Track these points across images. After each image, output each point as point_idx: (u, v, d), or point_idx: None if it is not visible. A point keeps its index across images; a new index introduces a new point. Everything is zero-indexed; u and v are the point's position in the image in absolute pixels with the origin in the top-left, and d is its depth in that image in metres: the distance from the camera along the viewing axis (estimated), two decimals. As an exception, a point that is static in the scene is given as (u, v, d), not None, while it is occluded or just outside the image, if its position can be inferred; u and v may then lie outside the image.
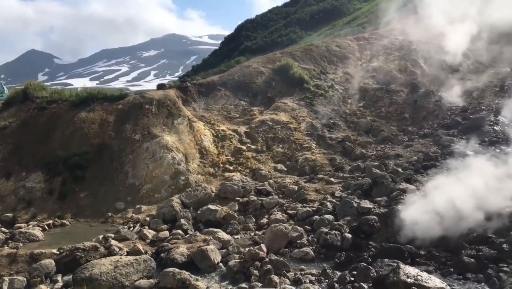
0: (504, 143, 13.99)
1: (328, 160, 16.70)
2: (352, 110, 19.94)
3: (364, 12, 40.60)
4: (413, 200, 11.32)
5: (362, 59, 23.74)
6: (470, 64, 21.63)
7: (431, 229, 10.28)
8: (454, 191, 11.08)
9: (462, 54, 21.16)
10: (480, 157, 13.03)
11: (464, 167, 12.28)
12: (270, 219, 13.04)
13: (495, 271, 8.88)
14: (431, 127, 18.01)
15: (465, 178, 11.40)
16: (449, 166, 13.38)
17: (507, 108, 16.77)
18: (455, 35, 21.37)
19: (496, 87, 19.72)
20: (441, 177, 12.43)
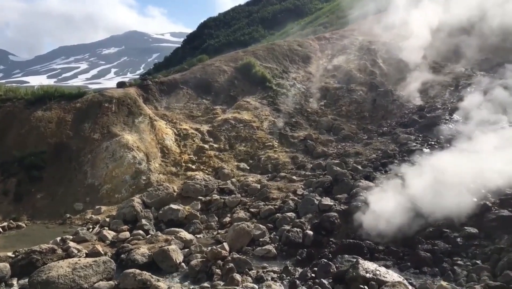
0: (458, 140, 14.50)
1: (290, 158, 16.86)
2: (313, 109, 20.20)
3: (325, 12, 41.17)
4: (372, 197, 11.59)
5: (323, 59, 24.07)
6: (427, 64, 22.26)
7: (389, 224, 10.58)
8: (411, 188, 11.45)
9: (419, 54, 21.76)
10: (436, 154, 13.49)
11: (420, 164, 12.68)
12: (233, 218, 13.05)
13: (449, 264, 9.24)
14: (390, 125, 18.48)
15: (421, 174, 11.78)
16: (406, 163, 13.77)
17: (461, 107, 17.40)
18: (413, 36, 22.02)
19: (451, 86, 20.42)
20: (399, 174, 12.79)
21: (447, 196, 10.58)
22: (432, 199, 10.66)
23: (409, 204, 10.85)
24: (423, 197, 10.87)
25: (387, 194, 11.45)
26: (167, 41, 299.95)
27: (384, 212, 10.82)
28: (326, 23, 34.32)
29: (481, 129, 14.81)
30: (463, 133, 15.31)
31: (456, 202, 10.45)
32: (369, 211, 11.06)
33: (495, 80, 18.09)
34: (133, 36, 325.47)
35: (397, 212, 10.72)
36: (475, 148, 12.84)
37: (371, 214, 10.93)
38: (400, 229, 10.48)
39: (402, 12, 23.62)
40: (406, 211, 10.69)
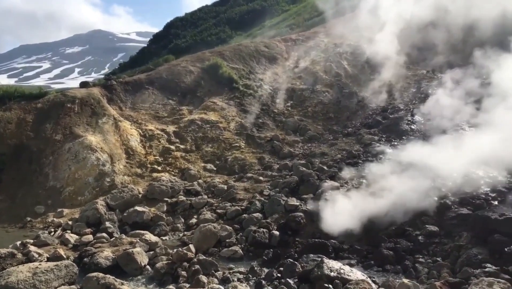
0: (420, 140, 14.89)
1: (257, 159, 16.90)
2: (280, 110, 20.31)
3: (292, 13, 41.49)
4: (337, 197, 11.75)
5: (290, 60, 24.24)
6: (391, 66, 22.70)
7: (353, 224, 10.75)
8: (375, 187, 11.68)
9: (383, 56, 22.19)
10: (399, 154, 13.80)
11: (383, 164, 12.95)
12: (199, 219, 12.98)
13: (411, 262, 9.47)
14: (354, 126, 18.78)
15: (385, 174, 12.04)
16: (370, 163, 14.03)
17: (423, 108, 17.87)
18: (378, 38, 22.45)
19: (413, 88, 20.92)
20: (363, 174, 13.02)
21: (409, 196, 10.84)
22: (395, 198, 10.90)
23: (372, 204, 11.06)
24: (386, 197, 11.10)
25: (351, 194, 11.64)
26: (133, 40, 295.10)
27: (349, 212, 11.00)
28: (293, 25, 34.56)
29: (442, 129, 15.25)
30: (425, 134, 15.73)
31: (417, 201, 10.72)
32: (334, 211, 11.20)
33: (455, 81, 18.65)
34: (98, 35, 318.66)
35: (361, 212, 10.91)
36: (436, 148, 13.21)
37: (336, 214, 11.07)
38: (364, 228, 10.68)
39: (367, 15, 24.07)
40: (370, 211, 10.89)
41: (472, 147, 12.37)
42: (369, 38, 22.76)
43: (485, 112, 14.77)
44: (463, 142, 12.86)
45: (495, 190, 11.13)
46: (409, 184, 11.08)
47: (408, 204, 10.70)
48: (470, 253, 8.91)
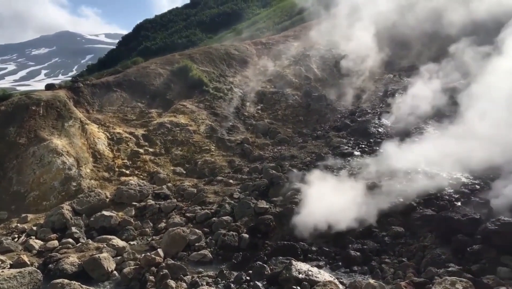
0: (386, 143, 15.17)
1: (227, 162, 16.87)
2: (250, 113, 20.35)
3: (263, 17, 41.66)
4: (306, 199, 11.85)
5: (260, 63, 24.32)
6: (359, 70, 23.07)
7: (322, 226, 10.87)
8: (343, 189, 11.83)
9: (351, 61, 22.55)
10: (366, 157, 14.05)
11: (352, 166, 13.14)
12: (168, 223, 12.87)
13: (378, 262, 9.65)
14: (323, 129, 19.00)
15: (353, 176, 12.22)
16: (339, 166, 14.22)
17: (389, 111, 18.24)
18: (346, 43, 22.82)
19: (380, 92, 21.34)
20: (332, 176, 13.17)
21: (376, 197, 11.04)
22: (362, 200, 11.07)
23: (341, 205, 11.19)
24: (354, 199, 11.26)
25: (320, 196, 11.75)
26: (101, 42, 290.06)
27: (317, 214, 11.09)
28: (263, 28, 34.69)
29: (407, 132, 15.60)
30: (391, 136, 16.06)
31: (384, 202, 10.92)
32: (303, 213, 11.29)
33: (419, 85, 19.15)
34: (65, 36, 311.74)
35: (329, 214, 11.02)
36: (401, 150, 13.50)
37: (305, 216, 11.17)
38: (332, 230, 10.80)
39: (335, 21, 24.44)
40: (338, 212, 11.01)
41: (436, 149, 12.70)
42: (338, 43, 23.11)
43: (449, 115, 15.20)
44: (427, 144, 13.19)
45: (459, 191, 11.46)
46: (375, 186, 11.27)
47: (375, 206, 10.88)
48: (434, 253, 9.15)
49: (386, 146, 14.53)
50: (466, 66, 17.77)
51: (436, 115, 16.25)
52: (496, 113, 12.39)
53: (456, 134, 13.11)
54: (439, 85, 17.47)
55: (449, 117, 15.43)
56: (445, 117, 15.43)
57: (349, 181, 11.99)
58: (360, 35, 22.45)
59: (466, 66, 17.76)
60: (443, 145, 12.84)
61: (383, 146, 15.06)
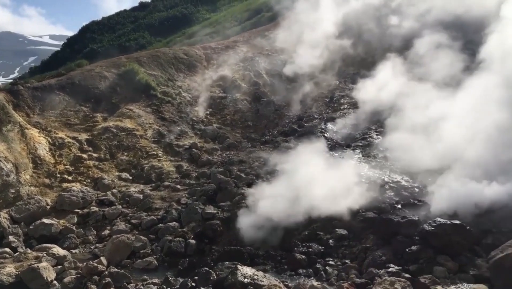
0: (332, 148, 15.54)
1: (175, 167, 16.68)
2: (199, 118, 20.24)
3: (213, 22, 41.68)
4: (253, 204, 11.92)
5: (209, 68, 24.26)
6: (306, 76, 23.50)
7: (269, 230, 10.98)
8: (290, 194, 11.98)
9: (299, 67, 22.93)
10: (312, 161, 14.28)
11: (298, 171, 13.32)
12: (113, 230, 12.56)
13: (322, 265, 9.84)
14: (272, 134, 19.20)
15: (299, 181, 12.39)
16: (286, 170, 14.36)
17: (335, 117, 18.70)
18: (294, 49, 23.21)
19: (327, 98, 21.82)
20: (279, 181, 13.29)
21: (321, 200, 11.26)
22: (308, 204, 11.27)
23: (287, 210, 11.33)
24: (299, 203, 11.43)
25: (267, 201, 11.84)
26: (45, 44, 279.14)
27: (264, 218, 11.19)
28: (213, 33, 34.70)
29: (352, 138, 16.04)
30: (336, 141, 16.46)
31: (329, 206, 11.16)
32: (250, 218, 11.34)
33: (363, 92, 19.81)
34: (7, 37, 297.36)
35: (276, 218, 11.14)
36: (346, 155, 13.87)
37: (252, 221, 11.23)
38: (279, 234, 10.92)
39: (284, 27, 24.84)
40: (285, 217, 11.15)
41: (379, 154, 13.15)
42: (286, 49, 23.46)
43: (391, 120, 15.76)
44: (370, 149, 13.62)
45: (399, 194, 11.90)
46: (321, 190, 11.50)
47: (320, 209, 11.10)
48: (375, 255, 9.45)
49: (332, 150, 14.87)
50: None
51: (378, 120, 16.79)
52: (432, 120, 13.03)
53: (396, 139, 13.61)
54: (381, 91, 18.08)
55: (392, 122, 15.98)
56: (387, 123, 15.97)
57: (295, 186, 12.13)
58: (307, 42, 22.91)
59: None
60: (385, 150, 13.30)
61: (329, 150, 15.39)
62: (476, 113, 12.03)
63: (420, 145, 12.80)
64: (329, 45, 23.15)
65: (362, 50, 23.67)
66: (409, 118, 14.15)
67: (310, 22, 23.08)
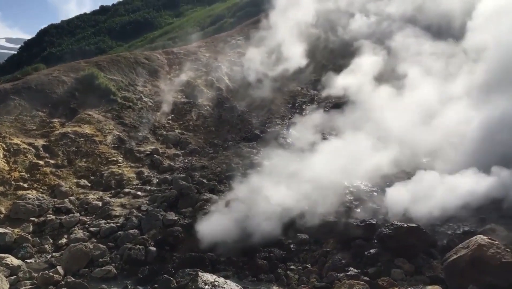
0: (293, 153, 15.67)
1: (136, 173, 16.42)
2: (161, 123, 20.01)
3: (175, 27, 41.43)
4: (215, 209, 11.88)
5: (172, 73, 24.05)
6: (269, 82, 23.65)
7: (231, 236, 10.95)
8: (251, 199, 12.01)
9: (262, 72, 23.08)
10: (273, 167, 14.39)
11: (260, 176, 13.39)
12: (70, 239, 12.21)
13: (283, 270, 9.92)
14: (234, 139, 19.18)
15: (261, 186, 12.46)
16: (248, 176, 14.40)
17: (297, 122, 18.90)
18: (256, 55, 23.35)
19: (289, 103, 22.04)
20: (240, 186, 13.31)
21: (282, 205, 11.34)
22: (269, 209, 11.32)
23: (249, 215, 11.35)
24: (261, 208, 11.47)
25: (229, 206, 11.83)
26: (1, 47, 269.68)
27: (226, 224, 11.17)
28: (176, 38, 34.51)
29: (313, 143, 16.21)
30: (298, 146, 16.61)
31: (290, 210, 11.26)
32: (212, 224, 11.29)
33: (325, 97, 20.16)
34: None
35: (238, 224, 11.14)
36: (307, 160, 14.03)
37: (214, 227, 11.17)
38: (241, 239, 10.92)
39: (247, 33, 24.97)
40: (247, 222, 11.16)
41: (338, 159, 13.37)
42: (248, 55, 23.58)
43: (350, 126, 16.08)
44: (330, 154, 13.83)
45: (358, 198, 12.14)
46: (282, 195, 11.59)
47: (281, 214, 11.18)
48: (335, 258, 9.60)
49: (294, 156, 15.00)
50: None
51: (339, 126, 17.07)
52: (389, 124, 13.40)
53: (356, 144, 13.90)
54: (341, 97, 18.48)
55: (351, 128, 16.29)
56: (347, 129, 16.27)
57: (257, 191, 12.18)
58: (270, 49, 23.13)
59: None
60: (345, 155, 13.55)
61: (291, 156, 15.51)
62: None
63: (378, 149, 13.12)
64: (291, 52, 23.41)
65: (324, 57, 24.07)
66: (368, 123, 14.50)
67: (273, 29, 23.31)
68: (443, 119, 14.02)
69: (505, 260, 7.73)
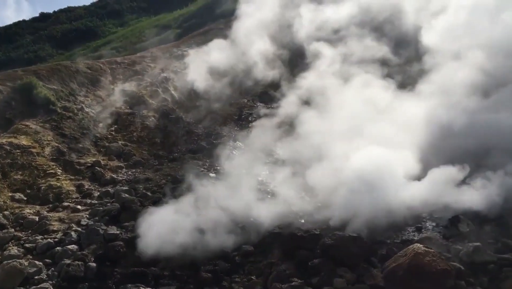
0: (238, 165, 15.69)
1: (76, 186, 15.84)
2: (103, 134, 19.45)
3: (119, 36, 40.60)
4: (158, 223, 11.63)
5: (115, 83, 23.48)
6: (215, 93, 23.64)
7: (175, 249, 10.77)
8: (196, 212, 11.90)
9: (208, 84, 23.03)
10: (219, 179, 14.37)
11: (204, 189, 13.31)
12: (3, 256, 11.50)
13: (228, 282, 9.90)
14: (180, 151, 18.96)
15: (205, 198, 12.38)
16: (193, 188, 14.24)
17: (243, 134, 18.99)
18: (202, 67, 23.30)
19: (235, 115, 22.10)
20: (185, 198, 13.13)
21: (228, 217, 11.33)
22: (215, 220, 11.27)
23: (193, 228, 11.23)
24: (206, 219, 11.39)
25: (173, 220, 11.64)
26: None
27: (170, 238, 10.98)
28: (120, 48, 33.83)
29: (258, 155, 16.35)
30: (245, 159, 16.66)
31: (235, 222, 11.24)
32: (155, 237, 11.06)
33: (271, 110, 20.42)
34: None
35: (182, 237, 10.99)
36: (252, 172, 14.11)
37: (157, 240, 10.95)
38: (185, 253, 10.76)
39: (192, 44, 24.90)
40: (191, 235, 11.03)
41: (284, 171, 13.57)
42: (194, 66, 23.51)
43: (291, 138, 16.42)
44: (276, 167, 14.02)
45: (303, 209, 12.31)
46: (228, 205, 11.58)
47: (227, 226, 11.14)
48: (279, 269, 9.67)
49: (238, 168, 15.01)
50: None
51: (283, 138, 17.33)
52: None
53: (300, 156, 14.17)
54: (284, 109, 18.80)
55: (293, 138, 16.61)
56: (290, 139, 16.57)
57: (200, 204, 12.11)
58: (217, 60, 23.18)
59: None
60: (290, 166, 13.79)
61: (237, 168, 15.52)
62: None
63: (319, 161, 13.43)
64: (237, 64, 23.56)
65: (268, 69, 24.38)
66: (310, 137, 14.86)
67: (220, 39, 23.44)
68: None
69: (440, 267, 8.10)
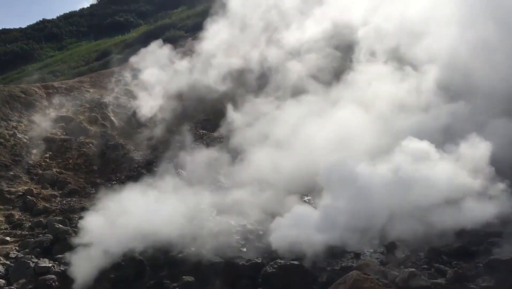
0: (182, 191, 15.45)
1: (5, 216, 15.00)
2: (36, 161, 18.58)
3: (57, 60, 39.42)
4: (87, 256, 11.15)
5: (51, 108, 22.59)
6: (157, 121, 23.32)
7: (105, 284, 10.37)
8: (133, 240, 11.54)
9: (150, 112, 22.69)
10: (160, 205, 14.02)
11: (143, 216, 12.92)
12: None
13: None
14: (119, 179, 18.44)
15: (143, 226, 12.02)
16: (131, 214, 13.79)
17: (186, 162, 18.77)
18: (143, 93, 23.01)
19: (178, 142, 21.80)
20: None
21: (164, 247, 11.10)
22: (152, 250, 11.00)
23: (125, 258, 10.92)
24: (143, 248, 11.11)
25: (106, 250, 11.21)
26: None
27: (99, 271, 10.62)
28: (57, 72, 32.79)
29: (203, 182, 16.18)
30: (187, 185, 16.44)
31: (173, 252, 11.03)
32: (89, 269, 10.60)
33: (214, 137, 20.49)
34: None
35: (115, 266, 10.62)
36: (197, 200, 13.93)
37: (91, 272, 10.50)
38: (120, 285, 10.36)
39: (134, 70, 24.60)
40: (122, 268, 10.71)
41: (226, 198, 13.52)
42: (136, 93, 23.20)
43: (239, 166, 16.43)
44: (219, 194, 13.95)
45: (245, 238, 12.24)
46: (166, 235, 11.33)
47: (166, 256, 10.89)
48: (222, 300, 9.47)
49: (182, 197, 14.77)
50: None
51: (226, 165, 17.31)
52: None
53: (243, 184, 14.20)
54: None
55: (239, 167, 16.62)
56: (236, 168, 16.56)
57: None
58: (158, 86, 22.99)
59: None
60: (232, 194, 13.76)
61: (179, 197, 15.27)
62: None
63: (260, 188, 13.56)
64: (180, 92, 23.46)
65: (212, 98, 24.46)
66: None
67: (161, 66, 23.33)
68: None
69: (379, 293, 8.25)
